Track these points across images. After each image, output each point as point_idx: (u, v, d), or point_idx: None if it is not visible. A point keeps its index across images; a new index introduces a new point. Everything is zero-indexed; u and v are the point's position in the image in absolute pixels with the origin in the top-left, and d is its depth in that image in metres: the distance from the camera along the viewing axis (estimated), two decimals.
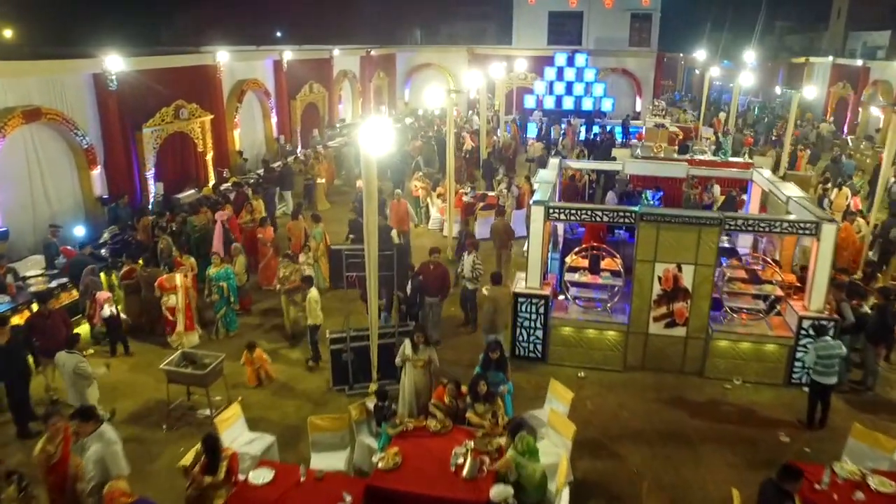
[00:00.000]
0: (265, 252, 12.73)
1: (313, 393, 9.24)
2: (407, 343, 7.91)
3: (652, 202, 13.30)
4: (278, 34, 30.06)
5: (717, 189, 16.86)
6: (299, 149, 23.28)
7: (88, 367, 7.84)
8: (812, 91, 26.08)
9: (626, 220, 9.32)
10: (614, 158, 21.18)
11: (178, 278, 10.46)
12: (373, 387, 8.89)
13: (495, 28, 38.97)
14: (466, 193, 17.00)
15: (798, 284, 9.86)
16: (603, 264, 10.03)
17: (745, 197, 15.40)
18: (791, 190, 10.57)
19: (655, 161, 12.88)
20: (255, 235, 12.98)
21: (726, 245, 11.06)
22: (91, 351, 10.26)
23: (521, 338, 10.03)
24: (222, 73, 18.98)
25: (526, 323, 9.92)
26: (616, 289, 9.83)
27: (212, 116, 18.27)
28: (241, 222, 13.57)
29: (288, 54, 22.66)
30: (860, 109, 30.71)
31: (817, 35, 47.57)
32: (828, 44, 44.29)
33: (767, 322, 9.56)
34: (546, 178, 11.09)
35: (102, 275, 11.30)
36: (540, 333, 9.93)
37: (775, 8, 49.89)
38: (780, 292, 9.49)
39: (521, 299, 9.79)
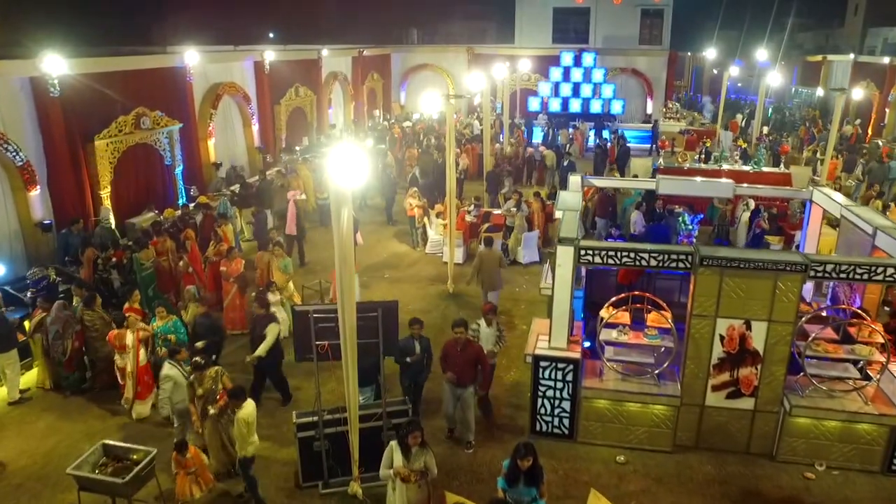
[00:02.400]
0: (228, 289, 10.62)
1: (276, 497, 7.09)
2: (394, 447, 5.78)
3: (690, 226, 11.21)
4: (263, 33, 27.84)
5: (751, 204, 14.84)
6: (285, 158, 21.18)
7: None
8: (859, 92, 23.92)
9: (681, 265, 7.21)
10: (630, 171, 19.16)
11: (129, 338, 8.36)
12: (355, 487, 6.80)
13: (496, 26, 36.86)
14: (469, 212, 14.92)
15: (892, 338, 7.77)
16: (648, 319, 7.91)
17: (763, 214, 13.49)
18: (874, 217, 8.47)
19: (695, 179, 10.80)
20: (218, 269, 10.88)
21: None
22: None
23: (543, 410, 7.93)
24: (193, 76, 16.86)
25: (549, 392, 7.82)
26: (665, 350, 7.72)
27: (181, 125, 16.15)
28: (207, 253, 11.44)
29: (270, 54, 20.57)
30: (887, 110, 28.63)
31: (832, 32, 45.48)
32: (844, 41, 42.24)
33: (861, 393, 7.46)
34: (570, 203, 8.98)
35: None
36: (567, 405, 7.83)
37: (786, 4, 47.89)
38: (879, 356, 7.38)
39: (542, 363, 7.69)
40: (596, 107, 29.33)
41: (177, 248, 11.59)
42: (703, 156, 18.30)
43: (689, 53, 49.25)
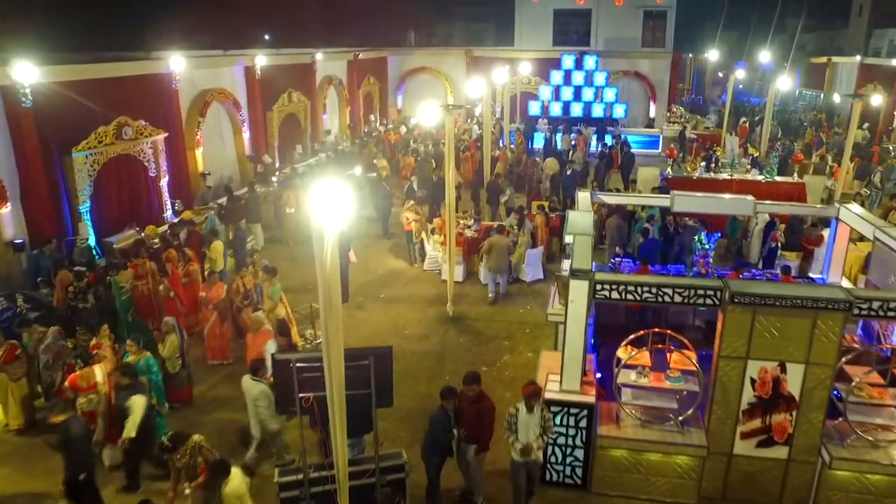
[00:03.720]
0: (207, 316, 9.85)
1: None
2: None
3: (707, 245, 10.45)
4: (255, 36, 27.03)
5: (765, 216, 14.11)
6: (277, 165, 20.43)
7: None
8: (878, 98, 23.12)
9: (709, 301, 6.46)
10: (634, 181, 18.43)
11: (99, 374, 7.57)
12: None
13: (495, 28, 36.12)
14: (469, 226, 14.16)
15: None
16: (670, 360, 7.15)
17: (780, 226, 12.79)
18: None
19: (712, 196, 10.05)
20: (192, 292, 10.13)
21: None
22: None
23: (553, 458, 7.18)
24: (179, 83, 16.08)
25: (561, 439, 7.06)
26: (689, 394, 6.96)
27: (165, 134, 15.36)
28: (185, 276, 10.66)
29: (261, 59, 19.78)
30: (895, 114, 27.96)
31: (836, 33, 44.79)
32: (848, 42, 41.56)
33: None
34: (581, 226, 8.21)
35: None
36: (580, 454, 7.08)
37: (789, 5, 47.20)
38: None
39: (553, 408, 6.93)
40: (598, 111, 28.58)
41: (159, 269, 10.82)
42: (713, 163, 17.51)
43: (689, 55, 48.54)
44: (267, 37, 33.50)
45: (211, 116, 18.09)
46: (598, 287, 6.57)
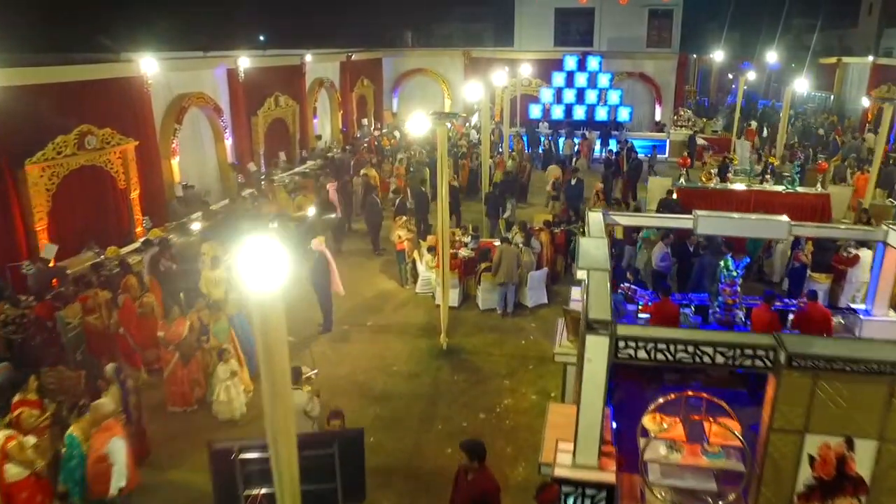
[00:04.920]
0: (168, 359, 8.60)
1: None
2: None
3: (735, 272, 9.21)
4: (242, 36, 25.79)
5: None
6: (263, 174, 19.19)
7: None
8: None
9: (759, 363, 5.22)
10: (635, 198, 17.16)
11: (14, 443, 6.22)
12: None
13: (494, 28, 34.88)
14: (466, 244, 12.91)
15: None
16: (709, 431, 5.90)
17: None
18: None
19: (741, 216, 8.79)
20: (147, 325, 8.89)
21: None
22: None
23: None
24: (151, 87, 14.83)
25: None
26: (730, 474, 5.72)
27: (136, 143, 14.12)
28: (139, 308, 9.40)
29: (244, 61, 18.52)
30: None
31: (845, 33, 43.57)
32: (858, 42, 40.34)
33: None
34: (596, 258, 6.92)
35: None
36: None
37: (794, 4, 45.97)
38: None
39: (565, 488, 5.68)
40: (602, 114, 27.37)
41: (113, 300, 9.58)
42: (729, 171, 16.24)
43: (694, 56, 47.30)
44: (261, 38, 32.42)
45: (189, 123, 16.85)
46: (622, 344, 5.33)
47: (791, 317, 9.43)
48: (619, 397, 7.46)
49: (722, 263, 9.33)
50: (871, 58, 31.75)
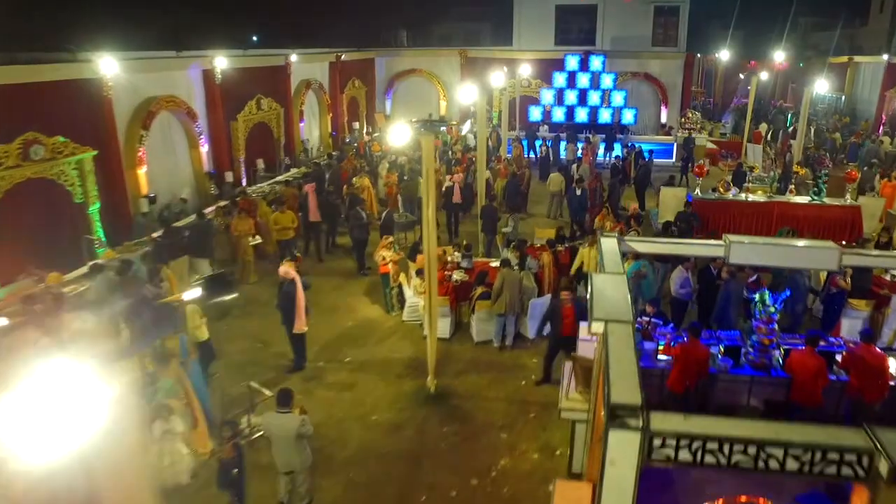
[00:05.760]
0: None
1: None
2: None
3: (773, 307, 7.81)
4: (222, 35, 24.36)
5: None
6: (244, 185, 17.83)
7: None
8: None
9: (847, 470, 3.82)
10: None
11: None
12: None
13: (492, 27, 33.50)
14: (458, 264, 11.52)
15: None
16: None
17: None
18: None
19: (782, 244, 7.38)
20: None
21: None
22: None
23: None
24: (113, 90, 13.45)
25: None
26: None
27: (95, 152, 12.74)
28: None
29: (221, 61, 17.14)
30: None
31: (855, 31, 42.20)
32: (869, 41, 38.95)
33: None
34: (615, 304, 5.50)
35: None
36: None
37: (801, 2, 44.61)
38: None
39: None
40: (605, 116, 25.98)
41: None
42: (748, 180, 14.82)
43: (698, 55, 45.91)
44: (255, 38, 31.03)
45: (159, 129, 15.48)
46: (657, 442, 3.93)
47: (838, 357, 8.08)
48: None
49: (757, 297, 7.94)
50: (885, 56, 30.34)
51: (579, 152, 21.71)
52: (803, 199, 13.86)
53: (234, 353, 10.18)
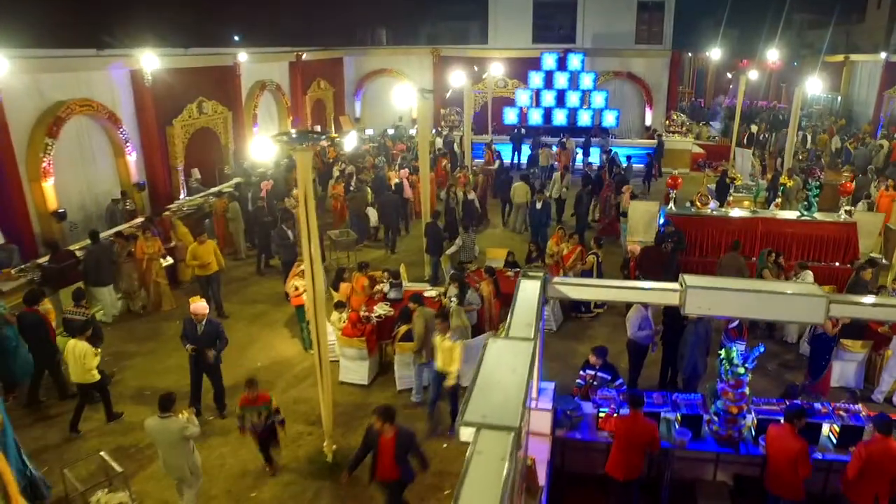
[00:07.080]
0: None
1: None
2: None
3: (742, 367, 6.17)
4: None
5: (809, 276, 9.95)
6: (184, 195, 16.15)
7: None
8: None
9: None
10: (624, 213, 14.15)
11: None
12: None
13: (466, 24, 31.85)
14: (386, 293, 9.91)
15: None
16: None
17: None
18: None
19: (752, 291, 5.75)
20: None
21: None
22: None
23: None
24: (3, 94, 11.80)
25: None
26: None
27: None
28: None
29: (152, 60, 15.45)
30: None
31: (851, 29, 40.60)
32: (866, 38, 37.34)
33: None
34: (504, 406, 3.92)
35: None
36: None
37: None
38: None
39: None
40: (585, 118, 24.39)
41: None
42: (730, 192, 13.20)
43: (689, 54, 44.31)
44: (237, 37, 29.26)
45: (74, 136, 13.86)
46: None
47: (826, 429, 6.47)
48: None
49: (723, 353, 6.32)
50: (883, 55, 28.76)
51: (552, 162, 20.11)
52: (792, 215, 12.24)
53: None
